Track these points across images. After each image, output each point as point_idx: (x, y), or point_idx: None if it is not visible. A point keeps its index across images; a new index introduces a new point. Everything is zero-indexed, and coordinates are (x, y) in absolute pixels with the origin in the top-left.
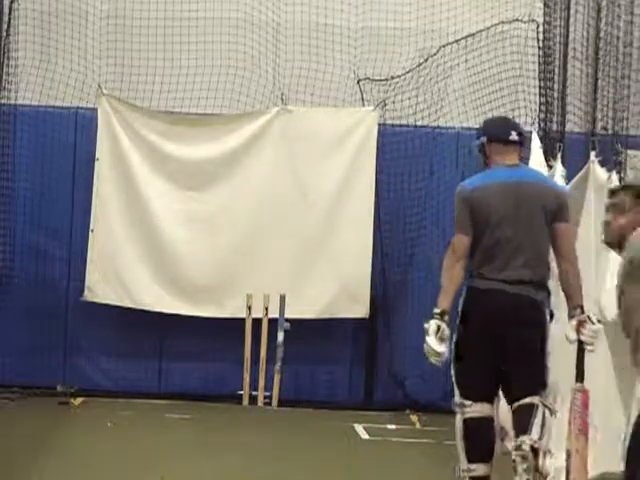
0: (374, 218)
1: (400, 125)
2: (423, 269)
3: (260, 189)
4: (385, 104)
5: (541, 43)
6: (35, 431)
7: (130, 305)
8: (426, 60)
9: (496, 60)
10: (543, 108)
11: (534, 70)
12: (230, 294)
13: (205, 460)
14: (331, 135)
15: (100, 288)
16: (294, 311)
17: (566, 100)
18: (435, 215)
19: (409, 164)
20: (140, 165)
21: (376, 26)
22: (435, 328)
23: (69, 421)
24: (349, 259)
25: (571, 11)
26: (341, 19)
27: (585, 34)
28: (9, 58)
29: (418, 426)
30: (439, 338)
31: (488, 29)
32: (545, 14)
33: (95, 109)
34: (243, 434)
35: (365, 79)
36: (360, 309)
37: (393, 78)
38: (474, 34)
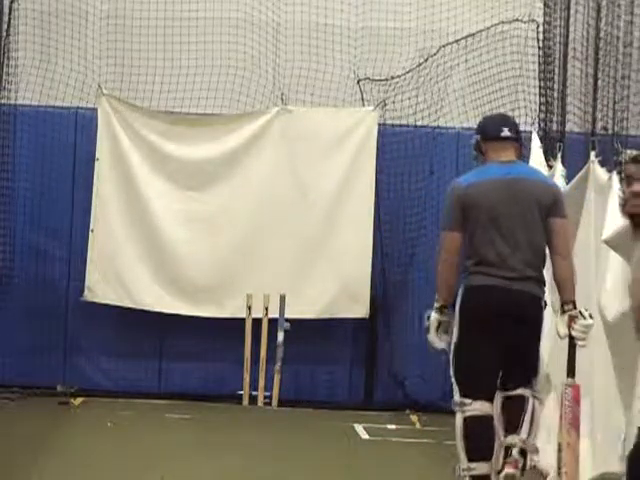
0: (374, 218)
1: (400, 125)
2: (423, 269)
3: (260, 189)
4: (385, 104)
5: (541, 43)
6: (35, 431)
7: (130, 305)
8: (426, 60)
9: (496, 60)
10: (543, 108)
11: (534, 70)
12: (230, 294)
13: (205, 460)
14: (331, 135)
15: (100, 288)
16: (294, 311)
17: (566, 100)
18: (435, 215)
19: (409, 164)
20: (140, 165)
21: (376, 26)
22: (436, 325)
23: (69, 421)
24: (349, 259)
25: (571, 11)
26: (341, 19)
27: (585, 34)
28: (9, 58)
29: (418, 426)
30: (441, 333)
31: (488, 29)
32: (545, 14)
33: (95, 109)
34: (243, 434)
35: (365, 79)
36: (360, 309)
37: (393, 78)
38: (474, 34)
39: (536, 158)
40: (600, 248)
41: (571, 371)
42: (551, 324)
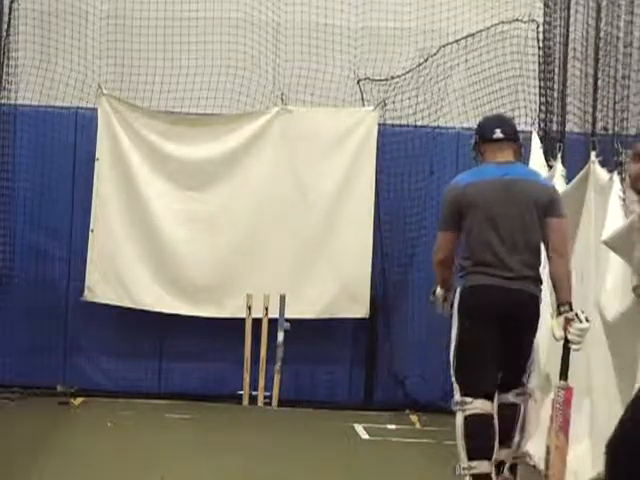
0: (374, 218)
1: (400, 125)
2: (423, 269)
3: (260, 189)
4: (385, 104)
5: (541, 43)
6: (35, 431)
7: (130, 305)
8: (426, 60)
9: (496, 60)
10: (543, 108)
11: (534, 70)
12: (230, 294)
13: (205, 460)
14: (331, 135)
15: (100, 288)
16: (294, 311)
17: (566, 100)
18: (435, 215)
19: (409, 164)
20: (140, 165)
21: (376, 26)
22: (442, 298)
23: (69, 421)
24: (349, 259)
25: (571, 11)
26: (341, 19)
27: (585, 34)
28: (9, 58)
29: (418, 426)
30: (447, 305)
31: (488, 29)
32: (545, 14)
33: (95, 109)
34: (243, 434)
35: (365, 79)
36: (360, 309)
37: (393, 78)
38: (474, 34)
39: (536, 158)
40: (600, 248)
41: (564, 373)
42: (549, 324)
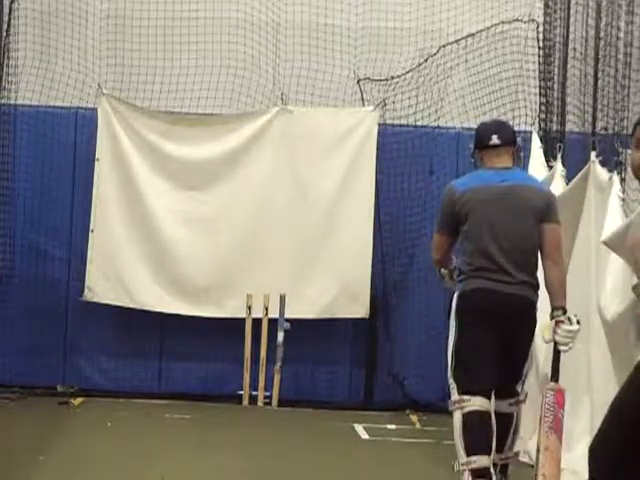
0: (374, 218)
1: (400, 125)
2: (423, 269)
3: (260, 189)
4: (385, 104)
5: (541, 43)
6: (35, 431)
7: (130, 305)
8: (426, 60)
9: (496, 60)
10: (543, 108)
11: (534, 70)
12: (230, 294)
13: (205, 460)
14: (331, 135)
15: (100, 288)
16: (294, 311)
17: (566, 100)
18: (435, 215)
19: (409, 164)
20: (140, 165)
21: (376, 26)
22: (448, 277)
23: (69, 421)
24: (349, 259)
25: (571, 11)
26: (341, 19)
27: (585, 34)
28: (9, 58)
29: (418, 426)
30: (454, 280)
31: (488, 29)
32: (545, 14)
33: (95, 109)
34: (243, 434)
35: (365, 79)
36: (360, 309)
37: (393, 78)
38: (474, 34)
39: (536, 158)
40: (600, 248)
41: (554, 375)
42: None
